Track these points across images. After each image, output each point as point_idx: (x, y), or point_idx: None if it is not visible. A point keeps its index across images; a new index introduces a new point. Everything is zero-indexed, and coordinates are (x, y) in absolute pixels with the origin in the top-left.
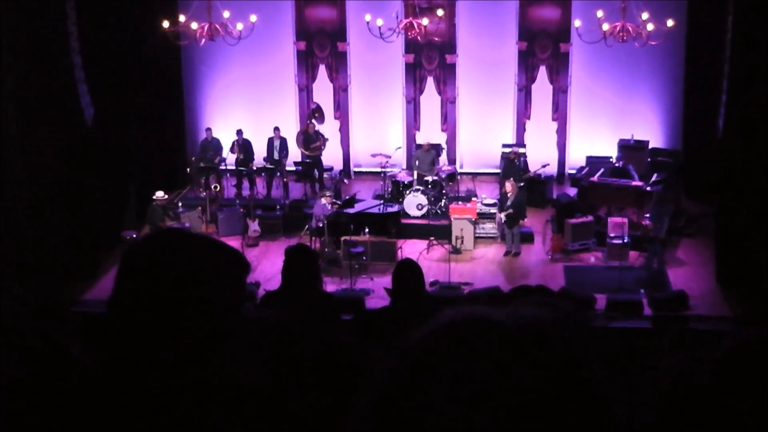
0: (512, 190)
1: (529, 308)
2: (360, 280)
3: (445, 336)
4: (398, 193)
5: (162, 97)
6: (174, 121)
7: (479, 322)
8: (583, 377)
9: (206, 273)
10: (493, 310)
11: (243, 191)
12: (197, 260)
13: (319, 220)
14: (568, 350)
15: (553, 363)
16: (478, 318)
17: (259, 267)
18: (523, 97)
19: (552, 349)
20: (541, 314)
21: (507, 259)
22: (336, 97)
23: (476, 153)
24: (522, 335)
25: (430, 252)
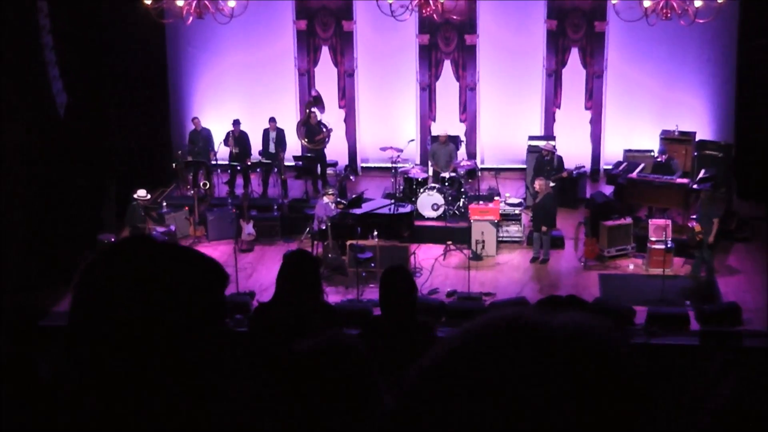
0: (541, 189)
1: (577, 314)
2: (368, 289)
3: (482, 339)
4: (411, 191)
5: (144, 83)
6: (158, 111)
7: (522, 325)
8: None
9: (174, 290)
10: (538, 313)
11: (236, 189)
12: (163, 275)
13: (321, 222)
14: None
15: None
16: (520, 321)
17: (253, 275)
18: (553, 83)
19: (600, 359)
20: (589, 320)
21: (534, 266)
22: (341, 84)
23: (499, 146)
24: (568, 343)
25: (447, 258)
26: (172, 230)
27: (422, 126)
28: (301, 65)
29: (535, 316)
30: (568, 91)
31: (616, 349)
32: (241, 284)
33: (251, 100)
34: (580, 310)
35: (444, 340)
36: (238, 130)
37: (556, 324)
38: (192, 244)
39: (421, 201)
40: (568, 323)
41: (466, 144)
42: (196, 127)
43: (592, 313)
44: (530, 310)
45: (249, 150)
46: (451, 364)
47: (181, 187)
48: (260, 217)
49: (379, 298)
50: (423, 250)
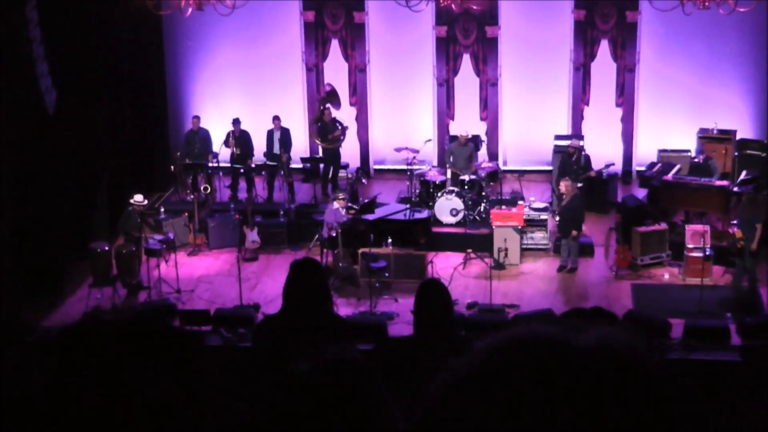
0: (567, 191)
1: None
2: (382, 301)
3: (506, 356)
4: (428, 195)
5: (139, 80)
6: (154, 109)
7: (547, 342)
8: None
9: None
10: (565, 329)
11: (239, 194)
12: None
13: (331, 229)
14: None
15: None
16: (545, 337)
17: (258, 286)
18: (581, 77)
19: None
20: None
21: (561, 275)
22: (352, 79)
23: (523, 146)
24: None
25: (467, 267)
26: (171, 238)
27: (440, 125)
28: (308, 60)
29: (562, 332)
30: (597, 87)
31: (647, 366)
32: (245, 296)
33: (255, 98)
34: (607, 323)
35: (467, 356)
36: (238, 129)
37: (583, 341)
38: (192, 252)
39: (439, 206)
40: (595, 339)
41: (487, 144)
42: (194, 127)
43: (621, 328)
44: (556, 327)
45: (251, 151)
46: (474, 382)
47: (179, 192)
48: (265, 224)
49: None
50: (441, 259)
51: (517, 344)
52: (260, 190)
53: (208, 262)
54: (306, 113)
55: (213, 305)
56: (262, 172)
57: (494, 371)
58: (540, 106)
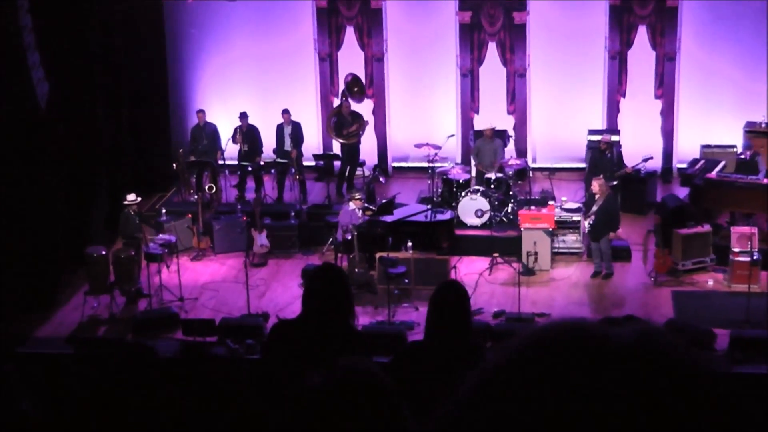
0: (600, 190)
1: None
2: (401, 310)
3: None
4: (451, 195)
5: (139, 72)
6: (155, 103)
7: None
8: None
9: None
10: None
11: (246, 193)
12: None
13: (346, 232)
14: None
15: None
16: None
17: (267, 293)
18: (617, 67)
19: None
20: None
21: (595, 282)
22: (368, 70)
23: (554, 142)
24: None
25: (493, 273)
26: (173, 241)
27: (463, 119)
28: (321, 49)
29: (601, 325)
30: (634, 77)
31: (692, 364)
32: (253, 304)
33: (264, 90)
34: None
35: (500, 349)
36: (246, 124)
37: (623, 334)
38: (196, 257)
39: (463, 206)
40: (635, 334)
41: (515, 139)
42: (200, 122)
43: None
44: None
45: (260, 147)
46: (507, 374)
47: (182, 192)
48: (275, 226)
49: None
50: (465, 264)
51: (555, 336)
52: (269, 189)
53: (213, 268)
54: (319, 106)
55: (218, 314)
56: (272, 171)
57: (531, 362)
58: (572, 99)
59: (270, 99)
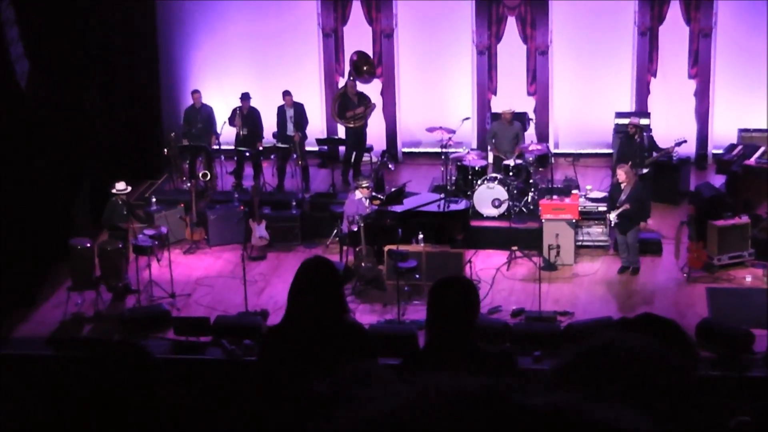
0: (627, 178)
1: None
2: (411, 307)
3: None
4: (466, 183)
5: (128, 48)
6: (146, 83)
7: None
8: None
9: None
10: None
11: (244, 181)
12: None
13: (353, 223)
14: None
15: None
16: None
17: (266, 289)
18: (647, 44)
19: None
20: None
21: (623, 278)
22: (377, 47)
23: (578, 126)
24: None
25: (512, 268)
26: (164, 233)
27: (480, 100)
28: (326, 24)
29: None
30: (666, 55)
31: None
32: (251, 301)
33: (264, 69)
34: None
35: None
36: (247, 106)
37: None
38: (189, 250)
39: (479, 195)
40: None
41: (536, 123)
42: (195, 104)
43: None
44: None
45: (260, 131)
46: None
47: (175, 179)
48: (275, 217)
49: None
50: (481, 258)
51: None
52: (269, 177)
53: (207, 262)
54: (323, 86)
55: (213, 312)
56: (272, 156)
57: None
58: (598, 78)
59: (270, 79)
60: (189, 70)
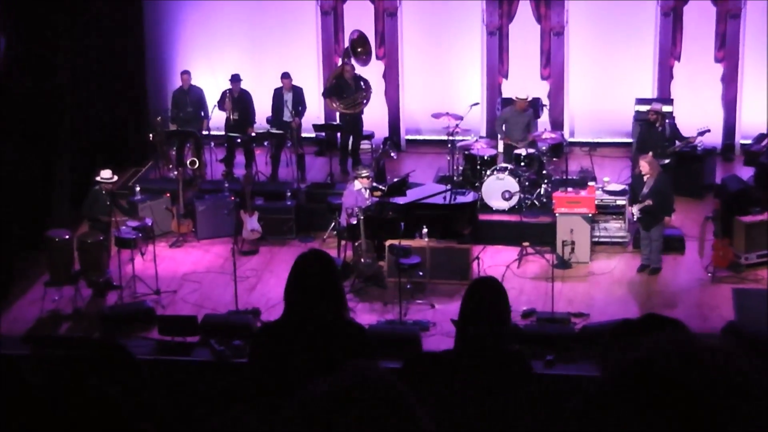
0: (651, 170)
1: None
2: (414, 307)
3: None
4: (474, 173)
5: (111, 26)
6: (129, 63)
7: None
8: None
9: None
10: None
11: (236, 169)
12: None
13: (351, 215)
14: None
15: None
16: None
17: (258, 286)
18: (670, 25)
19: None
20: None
21: (642, 277)
22: (379, 26)
23: (596, 112)
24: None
25: (522, 265)
26: (148, 224)
27: (489, 85)
28: (324, 1)
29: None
30: (691, 37)
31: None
32: (242, 299)
33: (258, 49)
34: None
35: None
36: (237, 88)
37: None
38: (175, 243)
39: (488, 187)
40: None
41: (550, 109)
42: (184, 85)
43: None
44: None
45: (252, 116)
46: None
47: (161, 167)
48: (268, 208)
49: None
50: (490, 255)
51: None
52: (262, 165)
53: (195, 256)
54: (320, 68)
55: (201, 310)
56: (265, 143)
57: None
58: (618, 62)
59: (264, 59)
60: (177, 48)
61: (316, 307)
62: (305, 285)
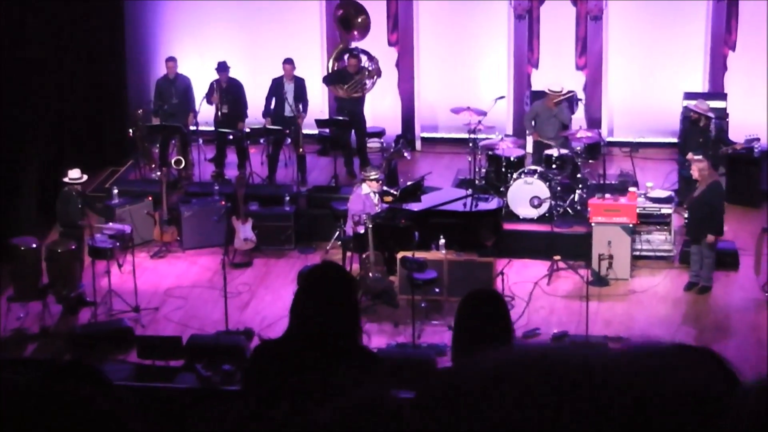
0: (702, 175)
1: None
2: (430, 328)
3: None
4: (499, 177)
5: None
6: (106, 50)
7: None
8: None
9: None
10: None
11: (227, 170)
12: None
13: (359, 223)
14: None
15: None
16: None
17: (252, 303)
18: (723, 10)
19: None
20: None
21: (690, 296)
22: (391, 9)
23: (638, 108)
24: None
25: (553, 282)
26: (127, 232)
27: (517, 75)
28: None
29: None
30: (748, 24)
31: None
32: (233, 317)
33: (253, 34)
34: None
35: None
36: (226, 78)
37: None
38: (158, 253)
39: (515, 192)
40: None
41: (586, 104)
42: (169, 74)
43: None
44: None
45: (244, 109)
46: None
47: (142, 166)
48: (264, 214)
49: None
50: (516, 270)
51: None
52: (257, 165)
53: (180, 269)
54: (324, 55)
55: (186, 330)
56: (261, 140)
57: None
58: (663, 51)
59: (260, 45)
60: (161, 33)
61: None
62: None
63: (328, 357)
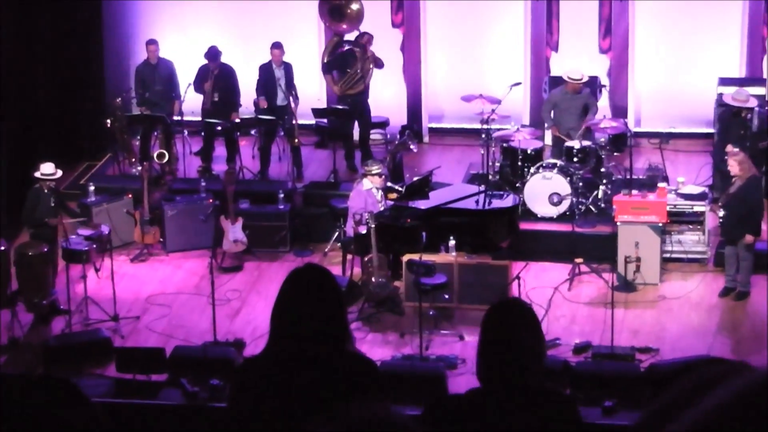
0: (742, 170)
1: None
2: (439, 339)
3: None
4: (515, 171)
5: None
6: (83, 32)
7: None
8: None
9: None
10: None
11: (215, 165)
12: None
13: (360, 223)
14: None
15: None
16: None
17: (243, 310)
18: None
19: None
20: None
21: (726, 303)
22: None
23: (668, 96)
24: None
25: (575, 287)
26: (104, 233)
27: (535, 60)
28: None
29: None
30: None
31: None
32: (222, 327)
33: (243, 16)
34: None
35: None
36: (217, 65)
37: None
38: (139, 256)
39: (532, 188)
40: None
41: (611, 91)
42: (151, 59)
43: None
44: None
45: (237, 98)
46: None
47: (121, 161)
48: (256, 213)
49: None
50: (534, 273)
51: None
52: (248, 159)
53: (163, 273)
54: (321, 39)
55: (171, 341)
56: (252, 132)
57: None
58: (696, 32)
59: (250, 28)
60: (140, 16)
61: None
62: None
63: (317, 369)
